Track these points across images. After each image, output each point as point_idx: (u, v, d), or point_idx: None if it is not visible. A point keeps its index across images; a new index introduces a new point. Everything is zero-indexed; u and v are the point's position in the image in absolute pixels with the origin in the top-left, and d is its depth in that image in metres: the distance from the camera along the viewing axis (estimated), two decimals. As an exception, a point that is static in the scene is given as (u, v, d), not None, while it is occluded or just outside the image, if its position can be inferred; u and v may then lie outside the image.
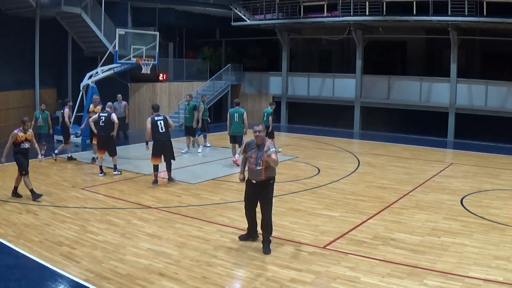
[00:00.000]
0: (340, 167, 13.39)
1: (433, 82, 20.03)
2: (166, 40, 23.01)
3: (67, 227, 7.89)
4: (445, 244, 7.27)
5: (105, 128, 11.71)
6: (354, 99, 21.60)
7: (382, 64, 23.42)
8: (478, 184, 11.37)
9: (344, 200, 9.83)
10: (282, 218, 8.53)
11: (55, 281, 5.92)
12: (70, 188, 10.47)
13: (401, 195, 10.27)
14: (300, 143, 17.59)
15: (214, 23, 25.11)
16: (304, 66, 25.69)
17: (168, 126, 10.84)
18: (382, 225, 8.23)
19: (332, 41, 23.01)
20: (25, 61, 17.82)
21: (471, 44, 20.41)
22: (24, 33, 17.60)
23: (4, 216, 8.40)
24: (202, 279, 5.98)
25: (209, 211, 8.97)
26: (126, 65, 17.58)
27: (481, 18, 17.05)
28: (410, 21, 18.99)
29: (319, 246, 7.17)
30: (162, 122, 10.70)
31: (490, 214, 8.83)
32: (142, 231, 7.79)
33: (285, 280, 5.99)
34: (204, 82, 23.81)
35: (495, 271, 6.24)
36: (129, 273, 6.11)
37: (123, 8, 20.40)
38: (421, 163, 14.23)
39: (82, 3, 17.81)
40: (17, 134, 9.71)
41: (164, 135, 10.73)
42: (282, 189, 10.65)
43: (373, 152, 15.93)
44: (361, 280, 5.99)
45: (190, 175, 11.87)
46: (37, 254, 6.67)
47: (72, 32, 19.15)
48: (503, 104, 18.30)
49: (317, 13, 21.20)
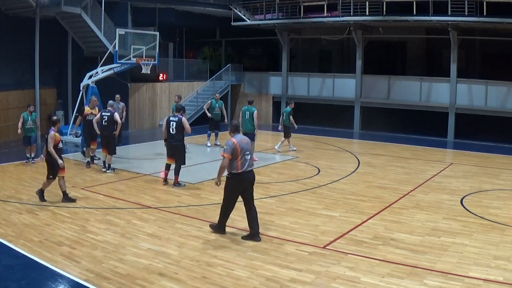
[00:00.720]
0: (340, 167, 13.39)
1: (433, 82, 20.02)
2: (166, 40, 23.00)
3: (67, 227, 7.89)
4: (445, 244, 7.28)
5: (108, 127, 11.74)
6: (354, 99, 21.60)
7: (382, 64, 23.42)
8: (478, 184, 11.38)
9: (344, 200, 9.83)
10: (282, 218, 8.53)
11: (55, 281, 5.92)
12: (70, 188, 10.45)
13: (401, 195, 10.27)
14: (300, 143, 17.58)
15: (214, 23, 25.10)
16: (304, 66, 25.69)
17: (181, 129, 10.54)
18: (382, 225, 8.23)
19: (332, 41, 23.01)
20: (25, 61, 17.79)
21: (471, 44, 20.40)
22: (24, 33, 17.58)
23: (4, 216, 8.40)
24: (202, 279, 5.98)
25: (209, 211, 8.97)
26: (126, 65, 17.56)
27: (481, 18, 17.05)
28: (410, 21, 18.99)
29: (319, 246, 7.17)
30: (174, 124, 10.53)
31: (490, 214, 8.84)
32: (142, 231, 7.79)
33: (285, 280, 5.99)
34: (204, 82, 23.81)
35: (495, 271, 6.25)
36: (129, 273, 6.11)
37: (123, 8, 20.40)
38: (421, 163, 14.24)
39: (82, 3, 17.80)
40: (56, 135, 9.17)
41: (173, 138, 10.60)
42: (282, 189, 10.65)
43: (373, 152, 15.93)
44: (361, 280, 6.00)
45: (190, 175, 11.87)
46: (37, 254, 6.67)
47: (72, 32, 19.14)
48: (503, 104, 18.30)
49: (317, 13, 21.20)
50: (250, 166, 7.40)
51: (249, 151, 7.40)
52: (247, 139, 7.58)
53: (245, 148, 7.33)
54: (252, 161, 7.51)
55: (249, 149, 7.45)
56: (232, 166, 7.29)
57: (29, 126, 13.12)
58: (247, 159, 7.34)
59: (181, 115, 10.66)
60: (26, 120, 13.08)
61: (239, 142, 7.32)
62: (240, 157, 7.27)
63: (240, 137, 7.50)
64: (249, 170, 7.41)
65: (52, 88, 19.99)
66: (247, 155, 7.34)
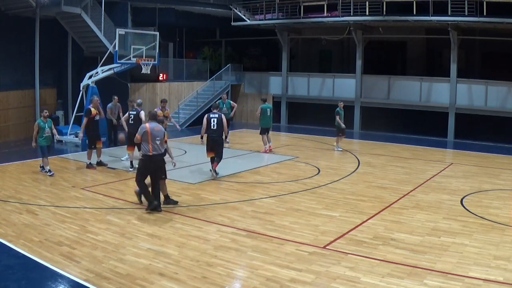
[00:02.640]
0: (340, 167, 13.39)
1: (433, 82, 20.03)
2: (166, 40, 23.01)
3: (67, 227, 7.89)
4: (445, 244, 7.27)
5: (135, 125, 12.00)
6: (354, 99, 21.60)
7: (382, 64, 23.42)
8: (478, 184, 11.37)
9: (344, 200, 9.83)
10: (282, 218, 8.53)
11: (55, 281, 5.92)
12: (70, 188, 10.46)
13: (401, 195, 10.27)
14: (300, 143, 17.59)
15: (214, 23, 25.11)
16: (304, 66, 25.69)
17: (221, 125, 11.47)
18: (382, 225, 8.23)
19: (332, 41, 23.01)
20: (25, 61, 17.80)
21: (471, 44, 20.40)
22: (24, 33, 17.59)
23: (4, 216, 8.39)
24: (202, 279, 5.98)
25: (209, 211, 8.97)
26: (126, 65, 17.57)
27: (481, 18, 17.05)
28: (410, 21, 18.99)
29: (319, 246, 7.17)
30: (216, 120, 11.44)
31: (490, 214, 8.83)
32: (142, 231, 7.79)
33: (285, 280, 5.99)
34: (204, 82, 23.82)
35: (495, 271, 6.25)
36: (129, 273, 6.11)
37: (123, 8, 20.40)
38: (421, 163, 14.24)
39: (82, 3, 17.81)
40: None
41: (215, 132, 11.50)
42: (282, 189, 10.65)
43: (373, 152, 15.92)
44: (361, 280, 6.00)
45: (190, 175, 11.88)
46: (37, 254, 6.67)
47: (72, 32, 19.14)
48: (503, 104, 18.30)
49: (317, 13, 21.20)
50: (157, 151, 8.56)
51: (159, 138, 8.56)
52: (160, 127, 8.70)
53: (156, 135, 8.53)
54: (161, 147, 8.64)
55: (160, 136, 8.61)
56: (144, 149, 8.60)
57: (47, 135, 11.54)
58: (158, 144, 8.54)
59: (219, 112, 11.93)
60: (43, 128, 11.41)
61: (151, 129, 8.57)
62: (151, 142, 8.50)
63: (154, 124, 8.69)
64: (157, 154, 8.58)
65: (52, 88, 20.00)
66: (157, 140, 8.52)
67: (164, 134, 8.83)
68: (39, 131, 11.40)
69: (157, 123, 8.84)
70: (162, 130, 8.78)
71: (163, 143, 8.78)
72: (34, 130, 11.47)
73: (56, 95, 20.26)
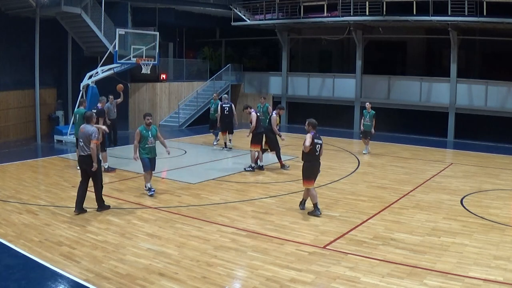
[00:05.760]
0: (340, 167, 13.39)
1: (433, 82, 20.02)
2: (166, 40, 23.00)
3: (67, 227, 7.89)
4: (445, 244, 7.28)
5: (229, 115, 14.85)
6: (354, 99, 21.60)
7: (382, 64, 23.39)
8: (478, 184, 11.37)
9: (344, 200, 9.83)
10: (282, 218, 8.53)
11: (55, 281, 5.92)
12: (70, 188, 10.45)
13: (401, 195, 10.27)
14: (300, 143, 17.48)
15: (214, 23, 25.10)
16: (304, 66, 25.68)
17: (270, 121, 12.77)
18: (382, 225, 8.23)
19: (332, 41, 23.00)
20: (25, 61, 17.79)
21: (471, 44, 20.40)
22: (24, 33, 17.58)
23: (4, 216, 8.39)
24: (202, 279, 5.98)
25: (209, 211, 8.97)
26: (126, 65, 17.57)
27: (481, 18, 17.04)
28: (410, 21, 18.99)
29: (319, 246, 7.17)
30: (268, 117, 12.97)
31: (490, 214, 8.84)
32: (142, 231, 7.79)
33: (285, 280, 5.99)
34: (204, 82, 23.81)
35: (495, 271, 6.25)
36: (129, 273, 6.11)
37: (123, 8, 20.40)
38: (421, 163, 14.24)
39: (82, 3, 17.80)
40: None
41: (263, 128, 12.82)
42: (282, 189, 10.65)
43: (373, 152, 15.92)
44: (361, 280, 6.00)
45: (190, 175, 11.87)
46: (37, 254, 6.67)
47: (72, 32, 19.13)
48: (503, 104, 18.30)
49: (317, 13, 21.19)
50: (81, 151, 8.68)
51: (82, 140, 8.62)
52: (84, 129, 8.64)
53: (81, 136, 8.68)
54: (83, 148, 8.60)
55: (84, 138, 8.59)
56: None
57: (151, 145, 9.79)
58: (81, 145, 8.65)
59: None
60: (146, 137, 9.73)
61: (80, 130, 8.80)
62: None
63: (83, 126, 8.77)
64: (80, 155, 8.72)
65: (52, 88, 19.98)
66: (80, 142, 8.67)
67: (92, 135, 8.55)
68: (141, 140, 9.72)
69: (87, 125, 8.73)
70: (86, 131, 8.56)
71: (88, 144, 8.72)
72: (135, 139, 9.78)
73: (56, 95, 20.25)
